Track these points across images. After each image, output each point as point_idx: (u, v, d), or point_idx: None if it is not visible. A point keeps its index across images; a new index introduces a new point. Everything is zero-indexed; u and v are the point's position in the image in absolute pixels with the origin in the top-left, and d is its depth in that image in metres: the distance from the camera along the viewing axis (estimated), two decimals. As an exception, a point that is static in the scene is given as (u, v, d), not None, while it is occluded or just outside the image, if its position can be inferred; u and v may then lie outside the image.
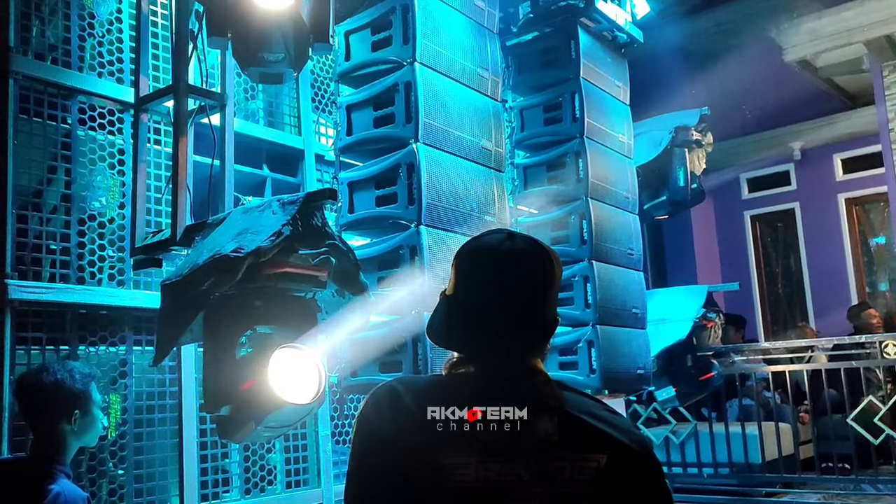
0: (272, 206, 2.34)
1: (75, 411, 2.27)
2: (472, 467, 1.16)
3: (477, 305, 1.30)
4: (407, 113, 3.17)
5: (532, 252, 1.33)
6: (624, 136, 4.65)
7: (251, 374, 2.10)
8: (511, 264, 1.31)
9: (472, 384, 1.27)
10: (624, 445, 1.20)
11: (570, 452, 1.18)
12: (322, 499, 3.63)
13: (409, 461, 1.19)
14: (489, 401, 1.23)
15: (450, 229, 3.15)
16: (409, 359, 3.09)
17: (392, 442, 1.21)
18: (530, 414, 1.20)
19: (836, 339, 6.01)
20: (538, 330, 1.31)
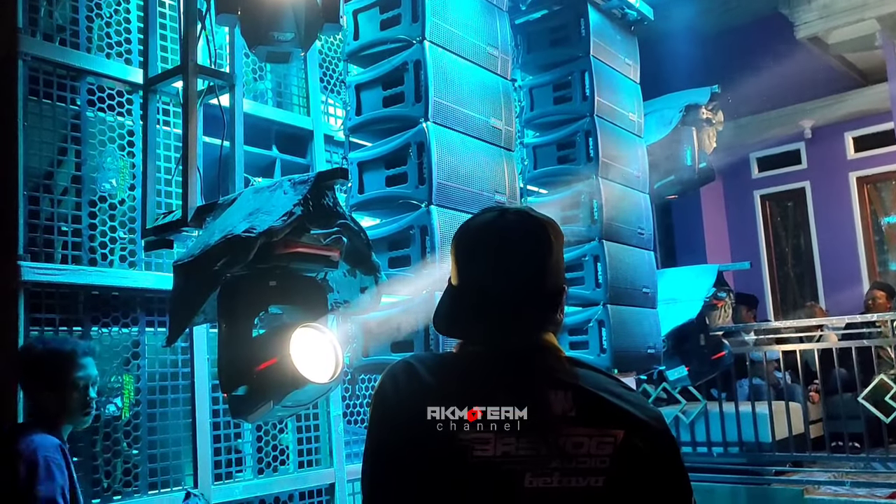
0: (283, 185, 2.33)
1: (59, 384, 2.29)
2: (490, 443, 1.16)
3: (477, 290, 1.29)
4: (416, 92, 3.15)
5: (525, 225, 1.31)
6: (634, 114, 4.62)
7: (269, 354, 2.10)
8: (504, 242, 1.29)
9: (485, 361, 1.26)
10: (641, 421, 1.19)
11: (587, 428, 1.17)
12: (334, 478, 3.66)
13: (427, 436, 1.18)
14: (503, 378, 1.22)
15: (460, 209, 3.14)
16: (420, 339, 3.09)
17: (410, 417, 1.21)
18: (546, 390, 1.20)
19: (847, 318, 5.99)
20: (543, 303, 1.29)
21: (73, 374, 2.33)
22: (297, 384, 2.10)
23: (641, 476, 1.17)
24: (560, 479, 1.14)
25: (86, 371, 2.36)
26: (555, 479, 1.14)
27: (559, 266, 1.33)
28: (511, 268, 1.28)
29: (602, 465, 1.15)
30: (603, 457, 1.15)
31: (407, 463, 1.20)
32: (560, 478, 1.14)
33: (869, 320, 5.80)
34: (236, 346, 2.14)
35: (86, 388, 2.36)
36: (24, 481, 2.06)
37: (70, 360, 2.34)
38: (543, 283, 1.29)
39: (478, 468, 1.15)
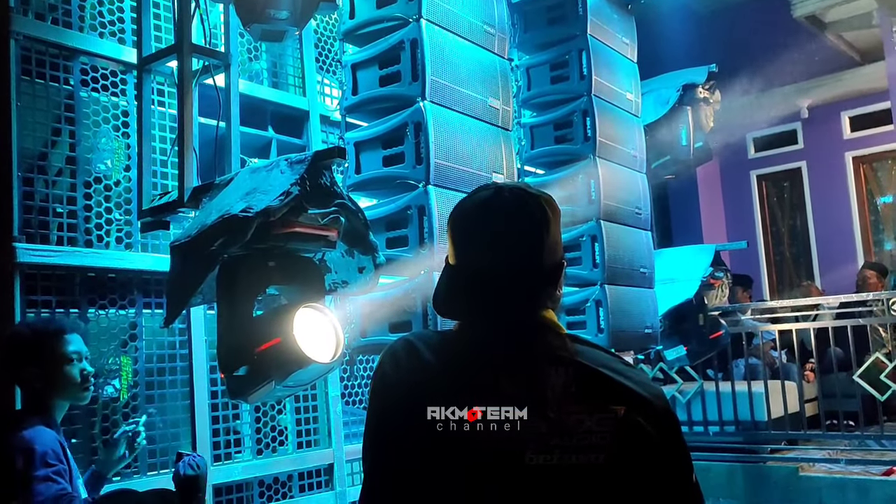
0: (280, 165, 2.32)
1: (44, 366, 2.26)
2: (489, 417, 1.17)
3: (473, 269, 1.29)
4: (413, 71, 3.13)
5: (521, 201, 1.30)
6: (631, 94, 4.60)
7: (271, 334, 2.10)
8: (500, 220, 1.28)
9: (485, 339, 1.26)
10: (642, 398, 1.19)
11: (588, 404, 1.16)
12: (333, 459, 3.67)
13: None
14: (503, 356, 1.22)
15: (458, 189, 3.13)
16: (418, 320, 3.09)
17: (411, 394, 1.21)
18: (546, 366, 1.19)
19: (843, 297, 6.01)
20: (542, 279, 1.28)
21: (59, 348, 2.30)
22: (301, 364, 2.10)
23: (643, 453, 1.16)
24: (561, 455, 1.14)
25: (73, 346, 2.33)
26: (555, 455, 1.14)
27: (557, 241, 1.32)
28: (508, 245, 1.27)
29: (603, 441, 1.14)
30: (604, 433, 1.14)
31: (407, 441, 1.20)
32: (561, 455, 1.14)
33: (864, 299, 5.82)
34: (237, 327, 2.13)
35: (73, 362, 2.33)
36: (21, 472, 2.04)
37: (54, 336, 2.31)
38: (541, 259, 1.27)
39: (479, 444, 1.15)
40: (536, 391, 1.17)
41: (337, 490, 3.66)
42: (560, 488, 1.13)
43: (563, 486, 1.13)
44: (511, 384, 1.19)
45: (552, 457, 1.14)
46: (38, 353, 2.28)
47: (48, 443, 2.13)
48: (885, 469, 5.01)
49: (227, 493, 3.26)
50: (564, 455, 1.14)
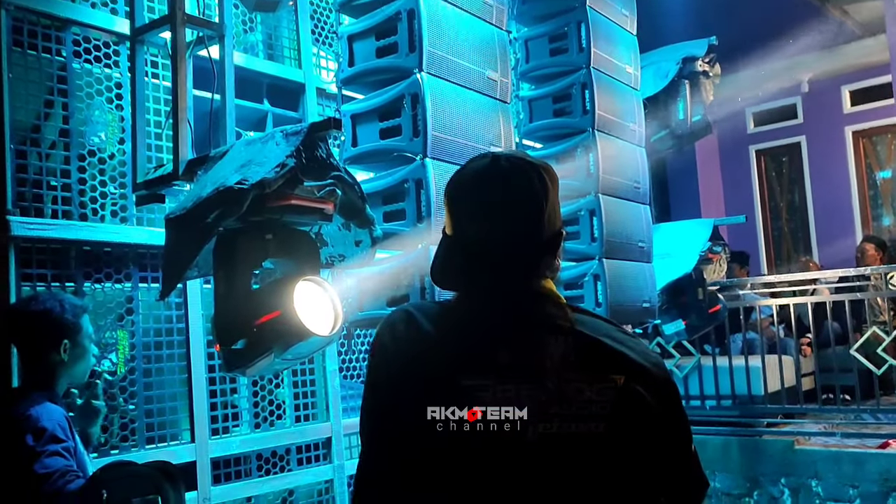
0: (275, 137, 2.29)
1: (65, 341, 2.24)
2: (489, 389, 1.15)
3: (471, 239, 1.27)
4: (410, 42, 3.08)
5: (518, 170, 1.28)
6: (631, 67, 4.55)
7: (271, 307, 2.08)
8: (497, 189, 1.26)
9: (484, 309, 1.24)
10: (642, 367, 1.18)
11: (587, 373, 1.16)
12: (331, 432, 3.68)
13: (427, 383, 1.18)
14: (502, 326, 1.21)
15: (456, 162, 3.09)
16: (416, 294, 3.08)
17: (410, 364, 1.20)
18: (545, 336, 1.18)
19: (841, 272, 6.01)
20: (540, 248, 1.27)
21: (86, 325, 2.31)
22: (301, 337, 2.09)
23: (642, 422, 1.16)
24: (560, 424, 1.13)
25: (86, 328, 2.34)
26: (555, 424, 1.14)
27: (555, 210, 1.30)
28: (506, 214, 1.25)
29: (603, 410, 1.14)
30: (604, 402, 1.14)
31: (406, 411, 1.19)
32: (560, 423, 1.13)
33: (862, 273, 5.82)
34: (235, 300, 2.11)
35: (86, 346, 2.33)
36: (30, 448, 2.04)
37: (84, 312, 2.32)
38: (540, 227, 1.26)
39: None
40: (535, 361, 1.17)
41: (335, 463, 3.68)
42: (560, 457, 1.13)
43: (563, 455, 1.13)
44: (509, 354, 1.18)
45: (552, 425, 1.14)
46: (76, 329, 2.27)
47: (56, 419, 2.13)
48: (880, 442, 5.04)
49: (226, 467, 3.27)
50: (564, 424, 1.13)
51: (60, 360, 2.25)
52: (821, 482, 5.03)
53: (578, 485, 1.14)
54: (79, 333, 2.29)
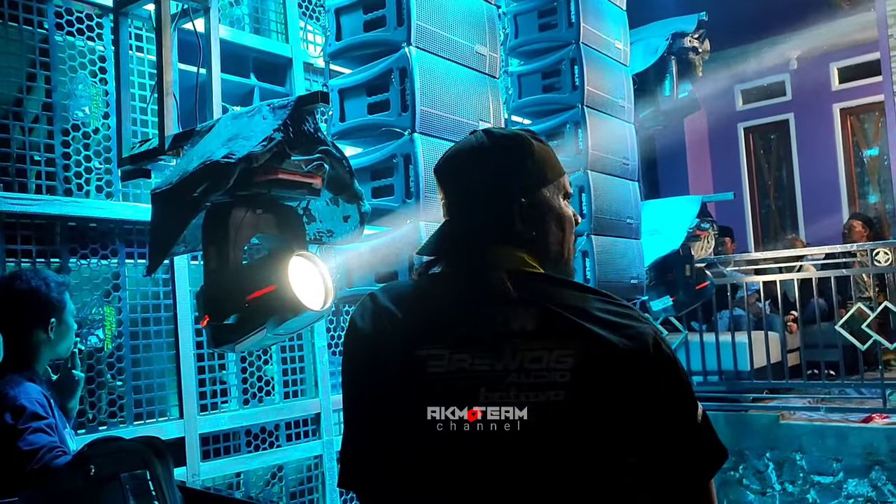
0: (262, 111, 2.26)
1: (51, 319, 2.22)
2: (444, 358, 1.14)
3: (446, 212, 1.28)
4: (398, 15, 3.05)
5: (506, 140, 1.27)
6: (620, 42, 4.53)
7: (264, 282, 2.07)
8: (482, 160, 1.26)
9: (445, 280, 1.24)
10: (604, 340, 1.10)
11: (545, 341, 1.11)
12: (320, 408, 3.69)
13: (387, 357, 1.17)
14: (461, 296, 1.19)
15: (444, 137, 3.08)
16: (404, 269, 3.07)
17: (373, 342, 1.20)
18: (506, 306, 1.15)
19: (827, 248, 6.05)
20: (508, 214, 1.23)
21: (59, 311, 2.28)
22: (295, 311, 2.08)
23: (609, 391, 1.10)
24: (517, 393, 1.10)
25: (70, 305, 2.32)
26: (511, 393, 1.11)
27: (538, 176, 1.27)
28: (486, 181, 1.24)
29: (562, 378, 1.09)
30: (563, 370, 1.09)
31: (373, 386, 1.19)
32: (517, 392, 1.10)
33: (848, 250, 5.86)
34: (227, 274, 2.09)
35: (70, 323, 2.32)
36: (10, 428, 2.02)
37: (67, 289, 2.30)
38: (510, 191, 1.23)
39: (432, 384, 1.14)
40: (491, 329, 1.14)
41: (324, 439, 3.69)
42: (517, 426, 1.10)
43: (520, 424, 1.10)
44: (465, 325, 1.16)
45: (508, 394, 1.11)
46: (61, 306, 2.25)
47: (34, 396, 2.11)
48: (863, 417, 5.11)
49: (215, 443, 3.28)
50: (521, 393, 1.10)
51: (46, 338, 2.23)
52: (805, 456, 5.10)
53: (538, 448, 1.10)
54: (64, 310, 2.28)
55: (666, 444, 1.12)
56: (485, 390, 1.12)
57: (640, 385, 1.10)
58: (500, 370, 1.12)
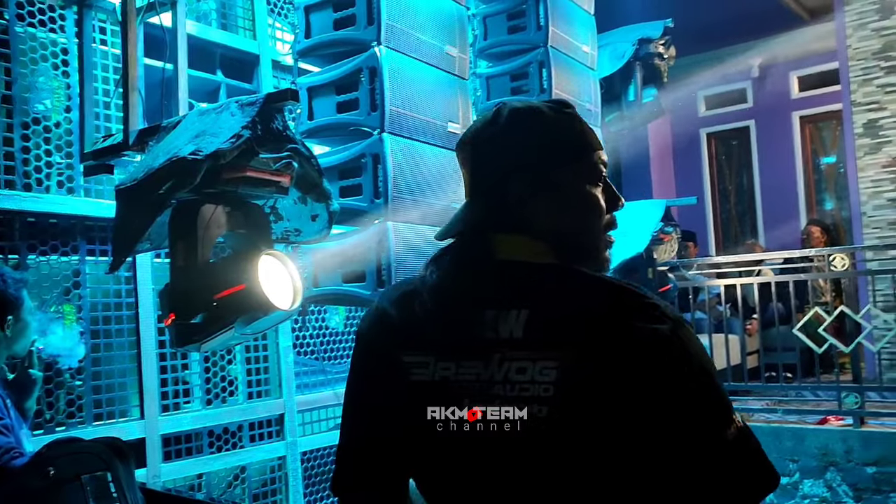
0: (230, 107, 2.23)
1: (8, 317, 2.17)
2: (429, 366, 1.07)
3: (468, 194, 1.16)
4: (369, 14, 3.04)
5: (521, 113, 1.12)
6: (588, 46, 4.57)
7: (233, 280, 2.04)
8: (495, 135, 1.12)
9: (443, 280, 1.13)
10: (599, 347, 0.98)
11: (531, 350, 1.01)
12: (284, 409, 3.66)
13: (377, 362, 1.13)
14: (456, 300, 1.10)
15: (413, 137, 3.08)
16: (372, 270, 3.06)
17: (368, 344, 1.16)
18: (496, 309, 1.05)
19: (786, 254, 6.17)
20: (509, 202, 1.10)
21: (16, 308, 2.22)
22: (265, 311, 2.06)
23: (600, 406, 0.97)
24: (501, 406, 1.02)
25: (28, 302, 2.27)
26: (496, 405, 1.02)
27: (555, 154, 1.11)
28: (491, 155, 1.12)
29: (545, 393, 0.99)
30: (546, 384, 0.99)
31: (360, 386, 1.17)
32: (501, 405, 1.02)
33: (807, 255, 5.98)
34: (194, 273, 2.06)
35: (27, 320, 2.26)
36: None
37: (25, 285, 2.24)
38: (520, 171, 1.09)
39: (416, 393, 1.07)
40: (481, 337, 1.05)
41: (288, 440, 3.66)
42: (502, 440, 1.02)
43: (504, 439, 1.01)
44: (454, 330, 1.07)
45: (492, 408, 1.03)
46: (18, 303, 2.20)
47: None
48: (819, 418, 5.21)
49: (176, 444, 3.23)
50: (505, 406, 1.01)
51: (3, 335, 2.18)
52: (763, 457, 5.18)
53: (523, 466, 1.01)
54: (21, 308, 2.22)
55: (682, 465, 0.98)
56: (468, 401, 1.04)
57: (641, 398, 0.96)
58: (485, 380, 1.04)
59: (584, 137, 1.15)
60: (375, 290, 3.02)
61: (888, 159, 6.48)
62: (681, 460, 0.98)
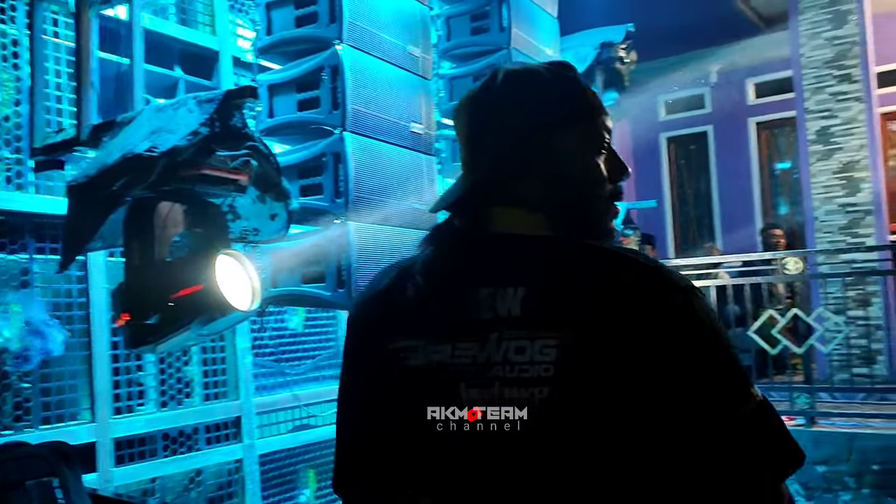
0: (188, 104, 2.19)
1: None
2: (419, 350, 0.99)
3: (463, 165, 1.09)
4: (331, 12, 3.01)
5: (516, 76, 1.05)
6: (551, 49, 4.59)
7: (190, 280, 2.00)
8: (490, 101, 1.05)
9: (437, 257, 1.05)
10: (602, 321, 0.91)
11: (529, 329, 0.94)
12: (241, 411, 3.60)
13: (368, 350, 1.05)
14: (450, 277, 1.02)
15: (375, 137, 3.05)
16: (332, 270, 3.02)
17: (360, 331, 1.09)
18: (494, 286, 0.97)
19: (744, 257, 6.27)
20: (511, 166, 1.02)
21: None
22: (223, 311, 2.02)
23: (603, 384, 0.90)
24: (500, 389, 0.94)
25: None
26: (495, 389, 0.95)
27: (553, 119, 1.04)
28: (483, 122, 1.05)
29: (546, 373, 0.92)
30: (546, 364, 0.92)
31: (358, 378, 1.08)
32: (500, 388, 0.94)
33: (764, 258, 6.09)
34: (150, 272, 2.02)
35: None
36: None
37: None
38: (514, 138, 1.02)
39: (409, 378, 1.00)
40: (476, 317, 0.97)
41: (245, 442, 3.60)
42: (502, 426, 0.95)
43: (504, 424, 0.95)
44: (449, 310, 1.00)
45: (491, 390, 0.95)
46: None
47: None
48: (772, 419, 5.31)
49: (129, 447, 3.15)
50: (503, 388, 0.94)
51: None
52: (718, 457, 5.25)
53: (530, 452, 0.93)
54: None
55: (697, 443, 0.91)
56: (465, 385, 0.97)
57: (651, 374, 0.90)
58: (482, 362, 0.96)
59: (586, 101, 1.07)
60: (335, 290, 2.99)
61: (839, 165, 6.63)
62: (696, 438, 0.91)
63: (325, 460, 4.04)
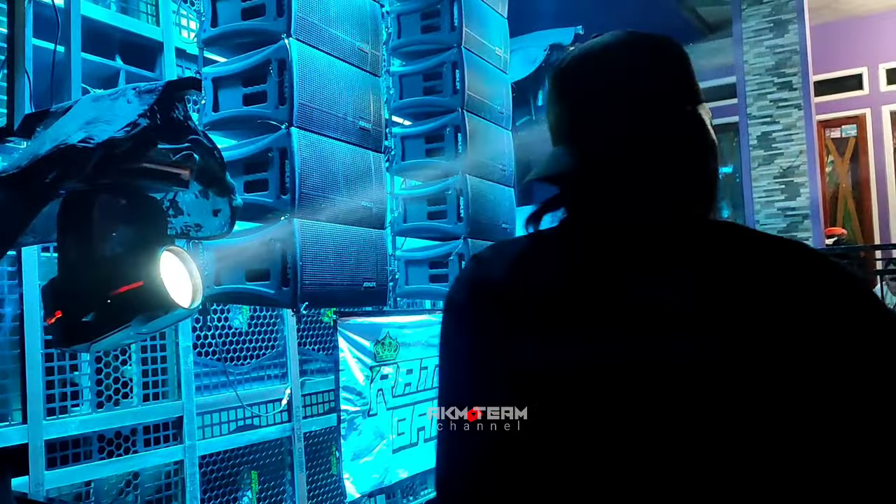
0: (127, 94, 2.11)
1: None
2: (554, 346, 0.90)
3: (577, 133, 0.96)
4: (279, 5, 2.95)
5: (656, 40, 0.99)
6: (501, 49, 4.60)
7: (131, 276, 1.92)
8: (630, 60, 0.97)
9: (561, 241, 0.96)
10: (772, 314, 0.83)
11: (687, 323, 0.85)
12: (182, 411, 3.51)
13: (488, 346, 0.93)
14: (581, 267, 0.92)
15: (322, 133, 3.01)
16: (277, 268, 2.97)
17: (474, 324, 0.95)
18: (650, 276, 0.89)
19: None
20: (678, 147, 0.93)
21: None
22: (166, 309, 1.95)
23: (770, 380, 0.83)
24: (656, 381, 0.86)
25: None
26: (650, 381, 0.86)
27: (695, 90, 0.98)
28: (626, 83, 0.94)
29: (715, 371, 0.84)
30: (713, 361, 0.84)
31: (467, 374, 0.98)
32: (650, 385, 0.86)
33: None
34: (87, 268, 1.93)
35: None
36: None
37: None
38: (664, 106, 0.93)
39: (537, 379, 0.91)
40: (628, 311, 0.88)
41: (186, 444, 3.51)
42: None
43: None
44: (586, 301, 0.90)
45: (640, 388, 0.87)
46: None
47: None
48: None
49: (62, 449, 3.04)
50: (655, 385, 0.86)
51: None
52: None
53: None
54: None
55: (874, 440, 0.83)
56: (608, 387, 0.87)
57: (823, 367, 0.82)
58: (629, 359, 0.87)
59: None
60: (280, 289, 2.94)
61: (779, 170, 6.82)
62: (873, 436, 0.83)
63: (268, 461, 3.97)
